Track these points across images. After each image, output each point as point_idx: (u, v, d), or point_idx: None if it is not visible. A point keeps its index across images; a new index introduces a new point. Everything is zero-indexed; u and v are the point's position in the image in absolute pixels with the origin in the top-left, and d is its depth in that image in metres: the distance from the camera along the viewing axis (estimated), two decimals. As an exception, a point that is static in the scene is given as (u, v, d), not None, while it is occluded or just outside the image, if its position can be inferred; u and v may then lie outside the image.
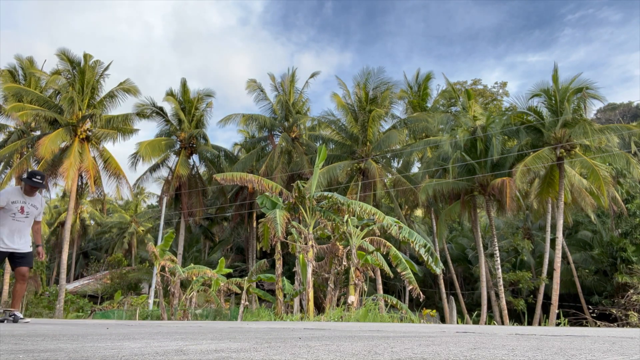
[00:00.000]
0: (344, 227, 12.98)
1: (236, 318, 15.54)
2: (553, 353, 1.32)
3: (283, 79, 30.67)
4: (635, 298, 21.88)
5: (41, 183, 5.78)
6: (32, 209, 5.88)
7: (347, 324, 6.02)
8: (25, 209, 5.79)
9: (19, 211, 5.73)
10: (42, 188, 5.97)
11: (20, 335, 1.92)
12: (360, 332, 2.63)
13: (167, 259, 16.28)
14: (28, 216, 5.81)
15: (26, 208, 5.80)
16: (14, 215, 5.71)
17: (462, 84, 43.12)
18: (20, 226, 5.80)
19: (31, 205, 5.86)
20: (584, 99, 21.44)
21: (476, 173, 23.50)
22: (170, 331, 2.65)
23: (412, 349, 1.41)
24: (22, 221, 5.77)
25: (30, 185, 5.76)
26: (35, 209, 5.91)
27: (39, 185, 5.78)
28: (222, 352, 1.29)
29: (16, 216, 5.71)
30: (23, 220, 5.78)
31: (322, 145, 15.69)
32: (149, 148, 28.27)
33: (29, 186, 5.78)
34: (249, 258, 30.94)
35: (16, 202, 5.73)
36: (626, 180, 27.28)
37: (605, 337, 2.25)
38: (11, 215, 5.69)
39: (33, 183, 5.72)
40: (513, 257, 30.41)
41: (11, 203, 5.67)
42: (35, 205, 5.92)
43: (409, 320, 13.20)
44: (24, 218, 5.78)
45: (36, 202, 5.93)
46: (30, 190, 5.79)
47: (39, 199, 5.96)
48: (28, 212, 5.81)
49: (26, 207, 5.80)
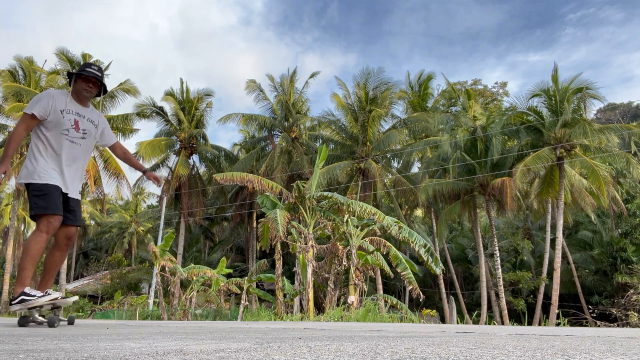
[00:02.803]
0: (344, 227, 12.98)
1: (236, 318, 15.54)
2: (553, 353, 1.32)
3: (283, 79, 30.72)
4: (635, 298, 21.87)
5: (100, 77, 3.55)
6: (89, 126, 3.60)
7: (347, 324, 6.02)
8: (80, 124, 3.52)
9: (73, 127, 3.46)
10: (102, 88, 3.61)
11: (20, 335, 1.92)
12: (360, 332, 2.63)
13: (167, 259, 16.28)
14: (85, 137, 3.54)
15: (81, 124, 3.53)
16: (67, 133, 3.43)
17: (462, 84, 43.13)
18: (76, 153, 3.52)
19: (87, 120, 3.59)
20: (583, 99, 21.45)
21: (476, 173, 23.50)
22: (170, 331, 2.65)
23: (412, 349, 1.41)
24: (79, 144, 3.52)
25: (84, 82, 3.49)
26: (94, 127, 3.64)
27: (97, 78, 3.50)
28: (222, 352, 1.29)
29: (70, 134, 3.45)
30: (80, 144, 3.53)
31: (322, 145, 15.69)
32: (149, 148, 28.29)
33: (83, 83, 3.50)
34: (249, 258, 30.94)
35: (68, 111, 3.45)
36: (626, 180, 27.29)
37: (605, 337, 2.25)
38: (64, 133, 3.42)
39: (89, 73, 3.48)
40: (513, 257, 30.41)
41: (60, 113, 3.40)
42: (93, 120, 3.65)
43: (409, 320, 13.20)
44: (80, 139, 3.52)
45: (93, 115, 3.66)
46: (84, 91, 3.52)
47: (96, 113, 3.70)
48: (85, 131, 3.55)
49: (81, 123, 3.53)
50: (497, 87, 45.77)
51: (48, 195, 3.33)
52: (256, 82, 30.53)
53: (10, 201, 35.47)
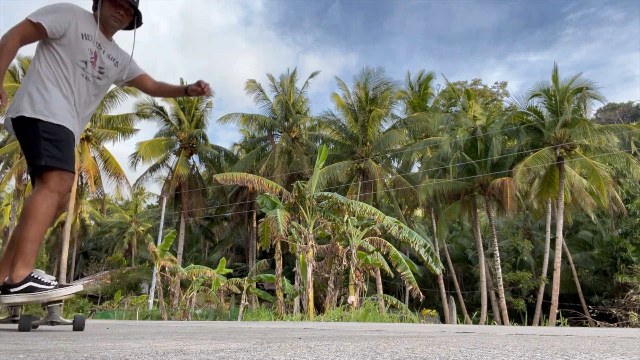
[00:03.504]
0: (344, 227, 12.99)
1: (236, 318, 15.54)
2: (553, 353, 1.32)
3: (283, 79, 30.73)
4: (635, 298, 21.87)
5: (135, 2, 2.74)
6: (109, 64, 2.75)
7: (347, 324, 6.03)
8: (99, 59, 2.67)
9: (91, 60, 2.63)
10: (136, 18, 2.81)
11: (20, 335, 1.92)
12: (360, 332, 2.63)
13: (167, 259, 16.29)
14: (101, 78, 2.72)
15: (100, 59, 2.68)
16: (84, 66, 2.61)
17: (462, 84, 43.15)
18: (90, 96, 2.71)
19: (108, 57, 2.74)
20: (583, 99, 21.47)
21: (476, 173, 23.51)
22: (170, 331, 2.65)
23: (412, 349, 1.41)
24: (94, 85, 2.71)
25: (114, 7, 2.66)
26: (113, 65, 2.79)
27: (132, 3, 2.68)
28: (222, 352, 1.29)
29: (87, 69, 2.63)
30: (96, 84, 2.72)
31: (322, 145, 15.71)
32: (149, 148, 28.30)
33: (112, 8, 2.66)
34: (249, 258, 30.95)
35: (87, 37, 2.60)
36: (626, 180, 27.30)
37: (605, 337, 2.25)
38: (80, 65, 2.59)
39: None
40: (513, 257, 30.42)
41: (80, 36, 2.57)
42: (115, 57, 2.80)
43: (409, 320, 13.21)
44: (97, 79, 2.70)
45: (115, 52, 2.82)
46: (111, 19, 2.69)
47: (119, 51, 2.87)
48: (102, 69, 2.71)
49: (100, 58, 2.68)
50: (497, 87, 45.83)
51: (65, 143, 2.48)
52: (256, 82, 30.57)
53: (10, 201, 35.50)
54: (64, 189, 2.49)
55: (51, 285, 2.37)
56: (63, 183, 2.47)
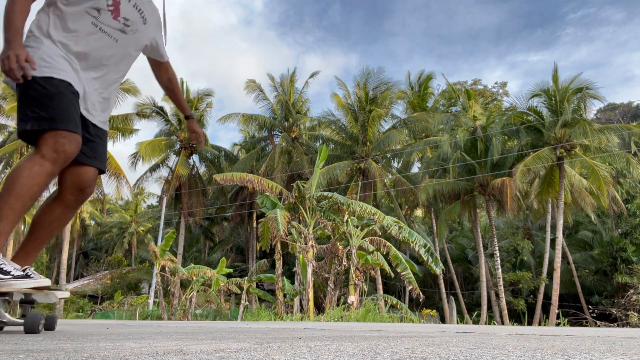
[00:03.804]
0: (344, 227, 12.99)
1: (236, 318, 15.54)
2: (553, 353, 1.32)
3: (283, 79, 30.74)
4: (635, 298, 21.88)
5: None
6: (135, 16, 2.19)
7: (347, 324, 6.03)
8: (122, 8, 2.13)
9: (109, 8, 2.08)
10: None
11: (20, 335, 1.92)
12: (360, 332, 2.63)
13: (167, 259, 16.29)
14: (126, 32, 2.15)
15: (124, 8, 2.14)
16: (96, 15, 2.06)
17: (462, 84, 43.16)
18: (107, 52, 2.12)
19: (134, 7, 2.19)
20: (583, 99, 21.47)
21: (476, 173, 23.51)
22: (170, 331, 2.66)
23: (412, 349, 1.41)
24: (114, 39, 2.12)
25: None
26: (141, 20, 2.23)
27: None
28: (222, 352, 1.29)
29: (101, 18, 2.07)
30: (117, 38, 2.13)
31: (322, 145, 15.72)
32: (149, 148, 28.29)
33: None
34: (249, 258, 30.95)
35: None
36: (626, 180, 27.29)
37: (605, 337, 2.25)
38: (91, 13, 2.05)
39: None
40: (513, 257, 30.42)
41: None
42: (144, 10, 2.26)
43: (409, 320, 13.21)
44: (118, 32, 2.13)
45: (146, 4, 2.29)
46: None
47: (151, 4, 2.37)
48: (128, 21, 2.15)
49: (124, 7, 2.14)
50: (497, 87, 45.85)
51: (56, 98, 1.93)
52: (256, 82, 30.58)
53: (10, 201, 35.39)
54: (61, 155, 1.93)
55: (11, 275, 1.92)
56: (58, 147, 1.91)
